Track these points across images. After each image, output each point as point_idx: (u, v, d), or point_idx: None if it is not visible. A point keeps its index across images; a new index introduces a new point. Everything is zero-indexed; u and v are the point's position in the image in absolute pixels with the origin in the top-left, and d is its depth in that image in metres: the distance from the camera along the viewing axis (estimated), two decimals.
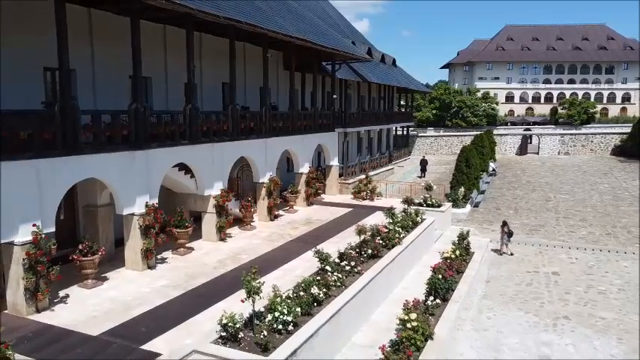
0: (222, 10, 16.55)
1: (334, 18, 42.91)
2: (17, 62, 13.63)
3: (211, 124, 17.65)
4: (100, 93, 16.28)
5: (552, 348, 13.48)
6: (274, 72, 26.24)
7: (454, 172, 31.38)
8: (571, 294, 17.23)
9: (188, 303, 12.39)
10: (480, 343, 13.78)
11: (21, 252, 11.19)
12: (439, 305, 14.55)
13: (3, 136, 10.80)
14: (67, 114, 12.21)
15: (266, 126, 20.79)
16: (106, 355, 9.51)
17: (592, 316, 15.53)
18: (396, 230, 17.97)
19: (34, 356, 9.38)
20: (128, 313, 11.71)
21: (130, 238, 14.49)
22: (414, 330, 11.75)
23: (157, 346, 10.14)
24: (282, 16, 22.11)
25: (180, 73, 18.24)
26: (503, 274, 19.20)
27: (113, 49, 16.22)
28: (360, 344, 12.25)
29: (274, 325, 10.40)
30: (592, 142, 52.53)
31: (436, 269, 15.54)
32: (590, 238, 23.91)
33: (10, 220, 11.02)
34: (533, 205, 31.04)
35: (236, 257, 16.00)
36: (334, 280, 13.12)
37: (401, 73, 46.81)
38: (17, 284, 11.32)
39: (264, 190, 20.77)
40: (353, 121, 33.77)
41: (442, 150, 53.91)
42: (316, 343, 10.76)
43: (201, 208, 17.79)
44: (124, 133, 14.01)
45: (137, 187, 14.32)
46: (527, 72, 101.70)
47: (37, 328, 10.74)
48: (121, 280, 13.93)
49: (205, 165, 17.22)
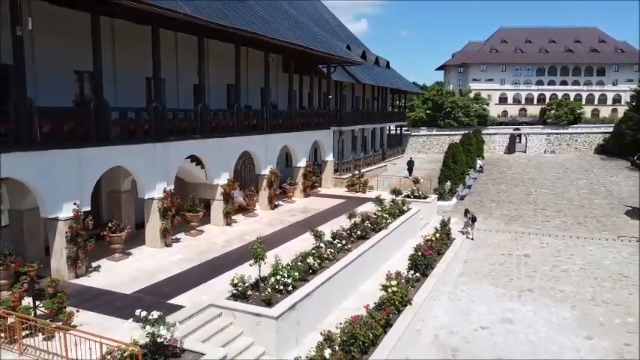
0: (229, 19, 18.73)
1: (331, 22, 45.11)
2: (52, 65, 15.73)
3: (219, 121, 19.82)
4: (121, 92, 18.38)
5: (514, 313, 15.72)
6: (274, 74, 28.33)
7: (442, 168, 33.60)
8: (537, 272, 19.48)
9: (202, 271, 14.56)
10: (453, 309, 16.01)
11: (64, 226, 13.35)
12: (419, 279, 16.80)
13: (51, 129, 12.95)
14: (100, 111, 14.39)
15: (267, 123, 22.95)
16: (142, 305, 11.63)
17: (553, 289, 17.77)
18: (383, 216, 20.22)
19: (81, 307, 11.50)
20: (152, 278, 13.87)
21: (150, 219, 16.66)
22: (394, 293, 13.99)
23: (180, 300, 12.32)
24: (282, 24, 24.28)
25: (189, 75, 20.40)
26: (480, 256, 21.43)
27: (131, 53, 18.28)
28: (349, 308, 14.36)
29: (276, 286, 12.59)
30: (576, 142, 54.94)
31: (417, 248, 17.83)
32: (562, 227, 26.19)
33: (56, 200, 13.19)
34: (515, 198, 33.31)
35: (241, 238, 18.16)
36: (328, 254, 15.33)
37: (394, 75, 49.00)
38: (60, 253, 13.47)
39: (265, 182, 22.94)
40: (348, 120, 35.97)
41: (433, 149, 56.14)
42: (311, 303, 12.96)
43: (210, 196, 19.96)
44: (146, 127, 16.18)
45: (157, 174, 16.49)
46: (521, 73, 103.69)
47: (79, 289, 12.88)
48: (143, 254, 16.10)
49: (214, 157, 19.38)
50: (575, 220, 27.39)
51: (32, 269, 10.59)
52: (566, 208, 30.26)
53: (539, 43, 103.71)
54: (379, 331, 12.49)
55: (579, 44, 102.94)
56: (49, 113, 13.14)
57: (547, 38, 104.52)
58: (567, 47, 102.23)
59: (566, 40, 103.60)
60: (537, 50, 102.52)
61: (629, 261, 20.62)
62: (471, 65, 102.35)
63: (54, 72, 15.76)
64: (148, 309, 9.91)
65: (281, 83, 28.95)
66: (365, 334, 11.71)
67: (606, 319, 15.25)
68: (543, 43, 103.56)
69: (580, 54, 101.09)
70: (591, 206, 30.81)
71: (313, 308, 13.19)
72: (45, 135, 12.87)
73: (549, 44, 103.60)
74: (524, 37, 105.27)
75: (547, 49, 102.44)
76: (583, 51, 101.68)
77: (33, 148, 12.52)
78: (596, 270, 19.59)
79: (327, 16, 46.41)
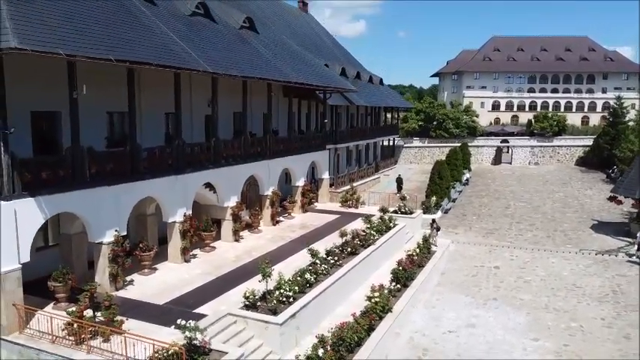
0: (237, 64, 21.79)
1: (328, 43, 48.25)
2: (89, 109, 18.62)
3: (229, 151, 22.85)
4: (144, 126, 21.33)
5: (478, 319, 18.81)
6: (275, 98, 31.24)
7: (428, 183, 36.67)
8: (503, 282, 22.57)
9: (219, 285, 17.59)
10: (427, 315, 19.10)
11: (107, 249, 16.39)
12: (400, 289, 19.89)
13: (97, 170, 15.99)
14: (134, 152, 17.43)
15: (269, 150, 25.98)
16: (173, 314, 14.69)
17: (514, 297, 20.87)
18: (371, 234, 23.30)
19: (126, 315, 14.51)
20: (178, 290, 16.90)
21: (172, 239, 19.69)
22: (376, 303, 17.08)
23: (203, 310, 15.36)
24: (283, 59, 27.35)
25: (200, 107, 23.36)
26: (456, 268, 24.52)
27: (153, 92, 21.10)
28: (341, 314, 17.37)
29: (280, 298, 15.63)
30: (559, 154, 58.28)
31: (399, 262, 20.94)
32: (532, 240, 29.30)
33: (100, 227, 16.23)
34: (494, 211, 36.44)
35: (249, 253, 21.20)
36: (322, 269, 18.39)
37: (387, 92, 52.15)
38: (104, 271, 16.50)
39: (268, 201, 26.00)
40: (343, 138, 39.09)
41: (425, 159, 59.28)
42: (308, 311, 16.02)
43: (221, 216, 22.99)
44: (169, 162, 19.22)
45: (178, 201, 19.52)
46: (513, 81, 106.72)
47: (121, 300, 15.82)
48: (167, 269, 19.14)
49: (224, 183, 22.41)
50: (545, 234, 30.50)
51: (93, 287, 13.65)
52: (539, 222, 33.38)
53: (530, 51, 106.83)
54: (363, 334, 15.55)
55: (570, 53, 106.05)
56: (96, 156, 16.17)
57: (539, 47, 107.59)
58: (558, 56, 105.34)
59: (557, 49, 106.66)
60: (529, 58, 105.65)
61: (584, 273, 23.74)
62: (465, 73, 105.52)
63: (90, 114, 18.70)
64: (180, 317, 13.00)
65: (282, 106, 31.95)
66: (351, 336, 14.79)
67: (553, 324, 18.34)
68: (535, 52, 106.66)
69: (570, 62, 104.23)
70: (562, 220, 33.93)
71: (310, 315, 16.24)
72: (92, 175, 15.91)
73: (541, 52, 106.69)
74: (517, 45, 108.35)
75: (538, 57, 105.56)
76: (573, 59, 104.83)
77: (84, 186, 15.54)
78: (554, 281, 22.68)
79: (324, 37, 49.52)
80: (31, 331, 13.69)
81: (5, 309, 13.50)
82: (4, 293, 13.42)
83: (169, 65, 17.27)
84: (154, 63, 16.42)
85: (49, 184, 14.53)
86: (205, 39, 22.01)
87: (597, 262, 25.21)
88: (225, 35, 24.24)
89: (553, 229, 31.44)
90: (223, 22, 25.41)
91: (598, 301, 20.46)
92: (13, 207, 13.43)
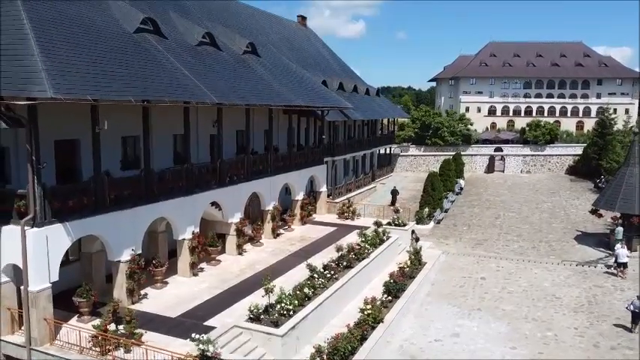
0: (241, 90, 23.55)
1: (327, 57, 50.04)
2: (105, 135, 20.29)
3: (233, 170, 24.57)
4: (154, 149, 22.97)
5: (462, 328, 20.52)
6: (275, 116, 33.01)
7: (422, 194, 38.47)
8: (488, 293, 24.30)
9: (225, 298, 19.31)
10: (416, 325, 20.81)
11: (125, 266, 18.12)
12: (392, 301, 21.62)
13: (116, 195, 17.71)
14: (148, 177, 19.16)
15: (271, 167, 27.70)
16: (185, 326, 16.40)
17: (497, 308, 22.59)
18: (366, 247, 25.04)
19: (143, 328, 16.20)
20: (189, 304, 18.62)
21: (182, 254, 21.42)
22: (368, 315, 18.81)
23: (212, 322, 17.08)
24: (284, 82, 29.08)
25: (206, 127, 24.99)
26: (445, 279, 26.24)
27: (163, 117, 22.76)
28: (336, 325, 19.07)
29: (281, 312, 17.35)
30: (550, 162, 60.20)
31: (391, 275, 22.69)
32: (518, 251, 31.06)
33: (119, 247, 17.96)
34: (485, 221, 38.19)
35: (252, 267, 22.92)
36: (319, 283, 20.12)
37: (383, 103, 53.96)
38: (121, 287, 18.22)
39: (270, 215, 27.74)
40: (340, 150, 40.84)
41: (421, 167, 61.09)
42: (307, 323, 17.75)
43: (225, 231, 24.71)
44: (180, 184, 20.94)
45: (187, 220, 21.24)
46: (509, 86, 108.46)
47: (137, 313, 17.55)
48: (177, 283, 20.86)
49: (229, 201, 24.13)
50: (531, 245, 32.25)
51: (115, 304, 15.38)
52: (526, 233, 35.12)
53: (526, 57, 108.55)
54: (356, 343, 17.28)
55: (565, 58, 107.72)
56: (114, 183, 17.90)
57: (534, 52, 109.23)
58: (553, 61, 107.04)
59: (552, 55, 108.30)
60: (525, 64, 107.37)
61: (564, 283, 25.48)
62: (462, 78, 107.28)
63: (107, 140, 20.37)
64: (192, 329, 14.76)
65: (282, 122, 33.61)
66: (345, 346, 16.51)
67: (531, 333, 20.07)
68: (530, 58, 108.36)
69: (565, 68, 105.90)
70: (548, 230, 35.67)
71: (308, 327, 17.97)
72: (112, 200, 17.63)
73: (536, 58, 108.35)
74: (513, 51, 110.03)
75: (534, 63, 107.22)
76: (568, 65, 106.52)
77: (105, 211, 17.26)
78: (535, 292, 24.41)
79: (322, 50, 51.30)
80: (60, 342, 15.42)
81: (37, 323, 15.22)
82: (37, 310, 15.15)
83: (181, 100, 18.93)
84: (168, 100, 18.16)
85: (74, 211, 16.24)
86: (211, 68, 23.75)
87: (577, 273, 26.95)
88: (229, 62, 25.97)
89: (539, 240, 33.17)
90: (227, 48, 27.14)
91: (574, 311, 22.19)
92: (45, 233, 15.15)
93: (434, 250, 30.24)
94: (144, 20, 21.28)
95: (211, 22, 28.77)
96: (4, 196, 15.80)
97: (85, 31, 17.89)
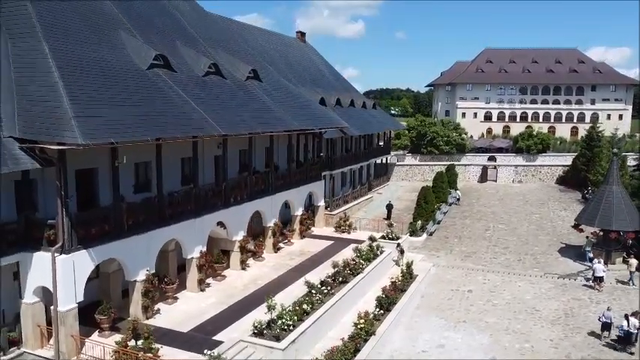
0: (243, 117, 25.46)
1: (325, 72, 52.02)
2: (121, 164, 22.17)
3: (236, 191, 26.44)
4: (163, 172, 24.76)
5: (448, 340, 22.41)
6: (276, 136, 34.88)
7: (415, 207, 40.36)
8: (474, 306, 26.18)
9: (231, 313, 21.18)
10: (405, 336, 22.69)
11: (140, 285, 20.00)
12: (383, 314, 23.50)
13: (133, 221, 19.59)
14: (161, 202, 21.05)
15: (272, 186, 29.58)
16: (196, 340, 18.28)
17: (481, 320, 24.47)
18: (360, 262, 26.92)
19: (158, 342, 18.06)
20: (198, 319, 20.49)
21: (190, 272, 23.30)
22: (361, 329, 20.70)
23: (220, 336, 18.96)
24: (284, 106, 30.95)
25: (211, 149, 26.78)
26: (435, 292, 28.11)
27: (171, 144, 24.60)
28: (333, 337, 20.94)
29: (282, 327, 19.23)
30: (540, 172, 62.25)
31: (383, 290, 24.57)
32: (505, 263, 32.94)
33: (135, 268, 19.85)
34: (475, 233, 40.06)
35: (255, 282, 24.80)
36: (317, 299, 22.00)
37: (380, 115, 55.96)
38: (137, 304, 20.11)
39: (271, 232, 29.64)
40: (338, 164, 42.79)
41: (416, 177, 63.06)
42: (305, 337, 19.62)
43: (230, 248, 26.60)
44: (189, 207, 22.82)
45: (195, 240, 23.13)
46: (505, 92, 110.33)
47: (152, 328, 19.44)
48: (186, 298, 22.74)
49: (233, 220, 26.01)
50: (517, 257, 34.12)
51: (135, 322, 17.27)
52: (513, 245, 36.98)
53: (522, 63, 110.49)
54: (350, 355, 19.17)
55: (560, 65, 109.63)
56: (131, 209, 19.78)
57: (530, 59, 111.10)
58: (549, 68, 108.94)
59: (547, 61, 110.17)
60: (520, 70, 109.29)
61: (545, 296, 27.37)
62: (458, 84, 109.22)
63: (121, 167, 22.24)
64: (202, 344, 16.67)
65: (282, 140, 35.42)
66: (340, 358, 18.40)
67: (510, 345, 21.96)
68: (526, 64, 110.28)
69: (560, 74, 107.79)
70: (534, 243, 37.54)
71: (307, 340, 19.85)
72: (129, 226, 19.52)
73: (532, 64, 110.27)
74: (509, 57, 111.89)
75: (530, 69, 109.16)
76: (563, 71, 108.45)
77: (123, 236, 19.16)
78: (517, 304, 26.29)
79: (321, 65, 53.27)
80: (85, 356, 17.30)
81: (65, 339, 17.11)
82: (65, 327, 17.04)
83: (190, 135, 20.88)
84: (180, 137, 20.10)
85: (97, 238, 18.13)
86: (217, 98, 25.61)
87: (557, 286, 28.84)
88: (233, 90, 27.83)
89: (525, 253, 35.02)
90: (231, 76, 29.01)
91: (551, 323, 24.07)
92: (72, 259, 17.05)
93: (425, 263, 32.09)
94: (156, 57, 23.13)
95: (214, 48, 30.56)
96: (34, 224, 17.71)
97: (104, 74, 19.77)
